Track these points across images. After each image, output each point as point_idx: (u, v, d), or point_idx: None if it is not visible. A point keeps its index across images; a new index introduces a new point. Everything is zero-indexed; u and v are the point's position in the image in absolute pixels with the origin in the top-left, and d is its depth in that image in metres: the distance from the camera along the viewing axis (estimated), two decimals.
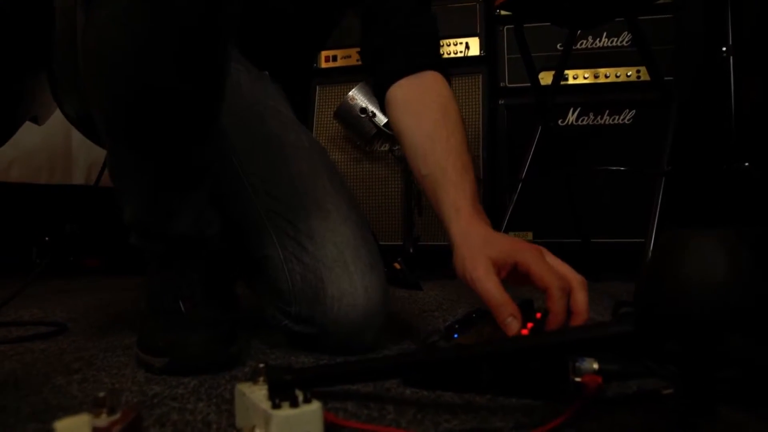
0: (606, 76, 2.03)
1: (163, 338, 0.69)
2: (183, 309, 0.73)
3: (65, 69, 0.79)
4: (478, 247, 0.65)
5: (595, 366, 0.56)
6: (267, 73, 0.96)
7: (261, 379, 0.48)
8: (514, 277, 0.64)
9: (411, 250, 1.90)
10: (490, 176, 2.03)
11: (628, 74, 2.01)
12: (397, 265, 1.59)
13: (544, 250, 0.64)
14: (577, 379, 0.54)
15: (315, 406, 0.43)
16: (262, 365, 0.49)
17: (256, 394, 0.46)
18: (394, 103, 0.85)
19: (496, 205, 1.95)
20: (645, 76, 1.96)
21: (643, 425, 0.48)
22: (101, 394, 0.42)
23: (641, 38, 1.36)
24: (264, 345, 0.83)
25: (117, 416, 0.42)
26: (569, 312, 0.60)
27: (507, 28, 2.06)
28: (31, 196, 1.93)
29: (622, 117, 1.99)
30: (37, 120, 1.04)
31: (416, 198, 1.96)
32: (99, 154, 1.89)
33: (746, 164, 1.62)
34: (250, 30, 0.89)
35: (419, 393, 0.59)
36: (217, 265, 0.80)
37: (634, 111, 1.98)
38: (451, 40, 2.13)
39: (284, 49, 0.99)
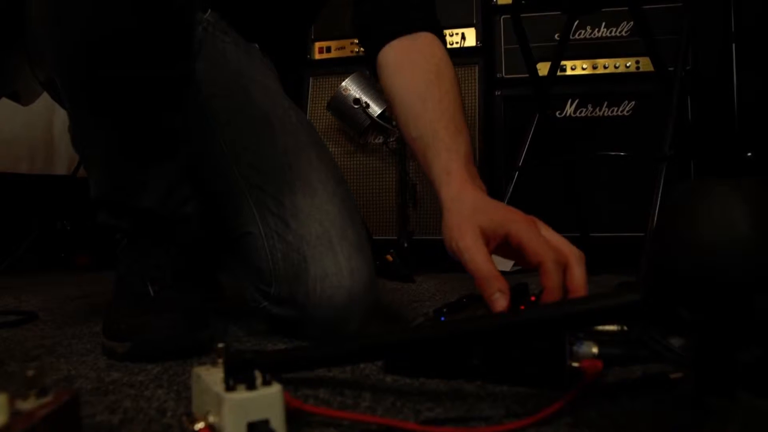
0: (605, 67, 1.97)
1: (126, 322, 0.64)
2: (151, 292, 0.67)
3: (37, 28, 0.73)
4: (468, 214, 0.59)
5: (595, 350, 0.51)
6: (257, 45, 0.90)
7: (220, 361, 0.43)
8: (505, 250, 0.58)
9: (405, 244, 1.85)
10: (487, 167, 1.97)
11: (627, 65, 1.95)
12: (389, 257, 1.54)
13: (539, 222, 0.58)
14: (575, 365, 0.49)
15: (275, 389, 0.37)
16: (221, 345, 0.43)
17: (213, 377, 0.41)
18: (385, 64, 0.79)
19: (493, 196, 1.88)
20: (644, 67, 1.91)
21: (649, 413, 0.42)
22: (30, 373, 0.36)
23: (645, 26, 1.31)
24: (241, 332, 0.77)
25: (47, 399, 0.36)
26: (565, 290, 0.54)
27: (504, 19, 2.01)
28: (22, 188, 1.87)
29: (621, 108, 1.94)
30: (18, 98, 0.98)
31: (410, 191, 1.91)
32: None
33: (749, 154, 1.57)
34: None
35: (401, 380, 0.53)
36: (194, 247, 0.74)
37: (633, 102, 1.92)
38: (448, 31, 2.07)
39: (274, 19, 0.94)
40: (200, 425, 0.36)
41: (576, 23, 1.94)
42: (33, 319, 0.91)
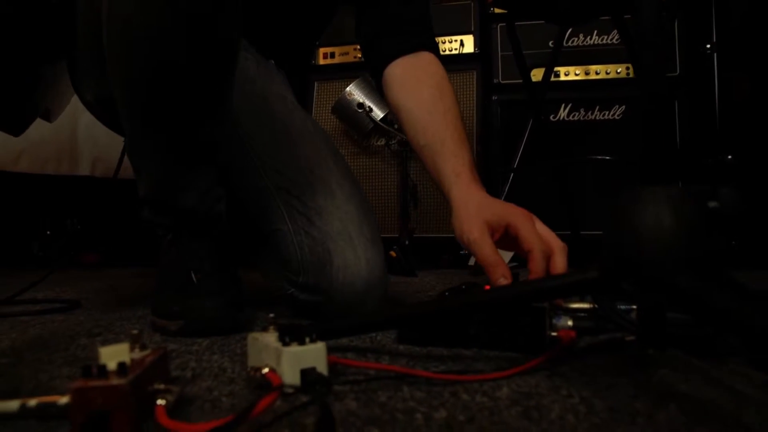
0: (597, 73, 2.10)
1: (178, 304, 0.76)
2: (194, 279, 0.79)
3: (85, 54, 0.85)
4: (475, 211, 0.72)
5: (570, 323, 0.63)
6: (272, 62, 1.02)
7: (271, 328, 0.55)
8: (504, 240, 0.70)
9: (407, 242, 1.97)
10: (483, 169, 2.09)
11: (618, 71, 2.08)
12: (393, 254, 1.66)
13: (534, 217, 0.71)
14: (554, 334, 0.61)
15: (320, 345, 0.50)
16: (272, 315, 0.55)
17: (267, 338, 0.53)
18: (392, 80, 0.91)
19: (493, 196, 2.01)
20: (634, 73, 2.04)
21: (607, 366, 0.55)
22: (134, 332, 0.49)
23: (627, 35, 1.43)
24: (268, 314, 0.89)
25: (147, 351, 0.48)
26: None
27: (500, 26, 2.13)
28: (34, 188, 1.98)
29: (612, 112, 2.06)
30: (49, 116, 1.10)
31: (412, 191, 2.03)
32: (103, 147, 1.97)
33: (729, 157, 1.70)
34: (255, 20, 0.96)
35: (412, 348, 0.65)
36: (224, 243, 0.87)
37: (623, 107, 2.05)
38: (447, 38, 2.19)
39: (286, 38, 1.06)
40: (266, 370, 0.48)
41: (569, 31, 2.06)
42: (77, 307, 1.03)
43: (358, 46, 2.21)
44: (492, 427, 0.40)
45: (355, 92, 2.03)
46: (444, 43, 2.19)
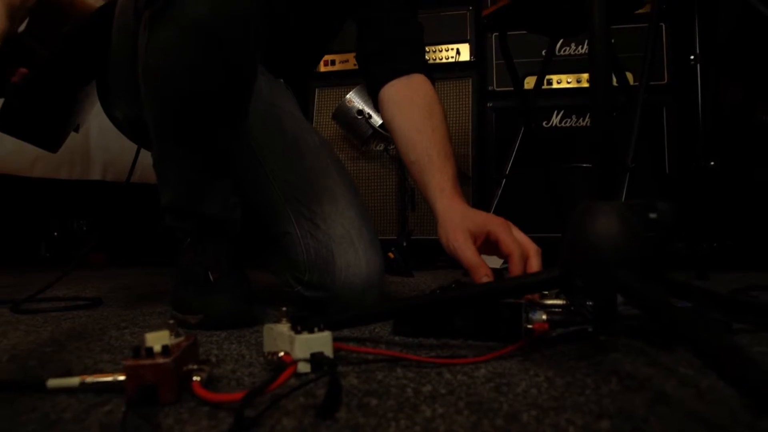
0: (588, 81, 2.19)
1: (197, 300, 0.86)
2: (212, 278, 0.89)
3: (117, 78, 0.95)
4: (458, 220, 0.82)
5: (544, 316, 0.73)
6: (282, 80, 1.12)
7: (284, 320, 0.65)
8: (485, 246, 0.80)
9: (404, 243, 2.06)
10: (478, 173, 2.20)
11: (615, 78, 2.17)
12: (390, 255, 1.76)
13: (511, 224, 0.81)
14: (529, 326, 0.71)
15: (326, 333, 0.59)
16: (284, 308, 0.65)
17: (281, 328, 0.62)
18: (387, 100, 1.02)
19: (485, 200, 2.11)
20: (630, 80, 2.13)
21: (571, 352, 0.65)
22: (171, 322, 0.58)
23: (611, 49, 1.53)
24: (276, 311, 0.99)
25: (182, 338, 0.58)
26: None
27: (495, 36, 2.22)
28: (42, 191, 2.08)
29: None
30: (78, 128, 1.20)
31: (410, 195, 2.13)
32: (114, 153, 2.06)
33: (711, 163, 1.80)
34: (268, 43, 1.06)
35: (405, 339, 0.75)
36: (237, 245, 0.97)
37: (613, 114, 2.14)
38: (443, 46, 2.30)
39: (294, 58, 1.16)
40: (282, 353, 0.58)
41: (560, 42, 2.17)
42: (100, 304, 1.13)
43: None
44: (468, 397, 0.50)
45: (354, 99, 2.13)
46: (441, 51, 2.29)
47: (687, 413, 0.45)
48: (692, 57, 1.86)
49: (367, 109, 2.11)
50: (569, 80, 2.21)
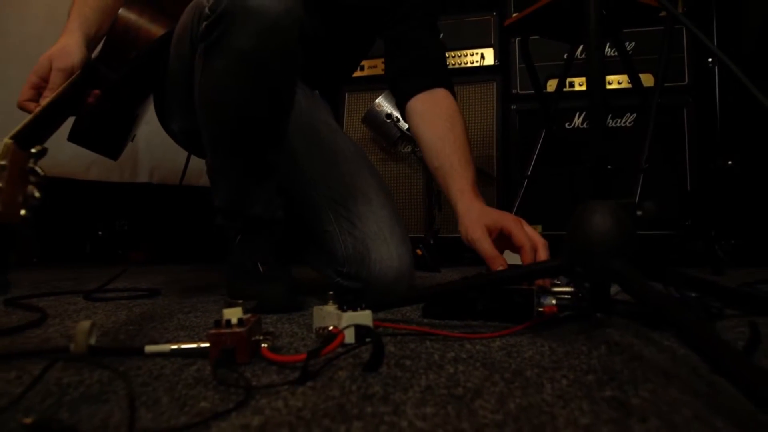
0: (609, 83, 2.29)
1: (251, 288, 1.00)
2: (261, 269, 1.03)
3: (174, 97, 1.10)
4: (476, 218, 0.94)
5: (553, 301, 0.85)
6: (317, 92, 1.26)
7: (330, 302, 0.78)
8: (500, 240, 0.93)
9: (432, 241, 2.19)
10: (503, 174, 2.31)
11: (629, 81, 2.26)
12: (419, 252, 1.89)
13: (522, 221, 0.93)
14: (540, 309, 0.83)
15: (367, 311, 0.73)
16: (331, 292, 0.78)
17: (329, 308, 0.76)
18: (413, 113, 1.15)
19: (509, 200, 2.22)
20: (645, 82, 2.22)
21: (573, 329, 0.77)
22: (239, 302, 0.72)
23: (624, 53, 1.64)
24: (317, 299, 1.13)
25: (249, 315, 0.71)
26: None
27: (518, 40, 2.33)
28: (88, 193, 2.25)
29: (623, 120, 2.26)
30: (133, 138, 1.35)
31: (436, 194, 2.25)
32: (160, 157, 2.23)
33: (729, 162, 1.89)
34: (305, 61, 1.20)
35: (433, 321, 0.88)
36: (282, 241, 1.10)
37: (634, 114, 2.23)
38: (468, 51, 2.41)
39: (329, 72, 1.30)
40: (331, 327, 0.71)
41: (580, 47, 2.26)
42: (158, 294, 1.28)
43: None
44: (483, 360, 0.63)
45: (383, 104, 2.26)
46: (466, 56, 2.41)
47: (654, 368, 0.57)
48: (710, 60, 1.95)
49: (395, 113, 2.23)
50: None
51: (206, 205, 1.10)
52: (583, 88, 2.29)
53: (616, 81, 2.27)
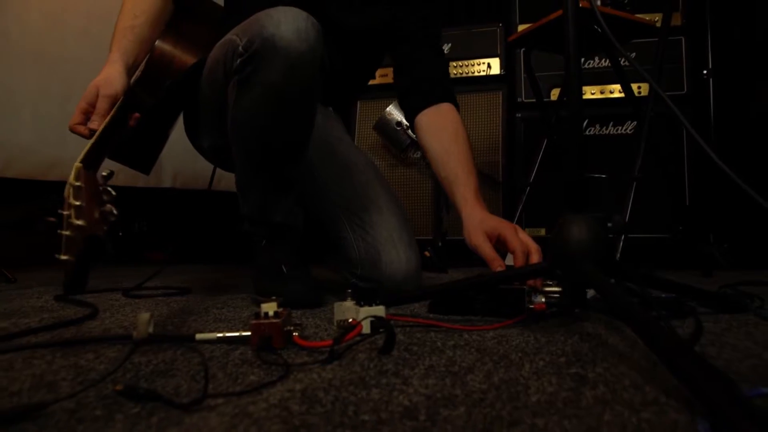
0: (611, 92, 2.42)
1: (276, 286, 1.14)
2: (285, 270, 1.18)
3: (206, 118, 1.25)
4: (477, 224, 1.09)
5: (543, 299, 0.99)
6: (331, 108, 1.41)
7: (348, 298, 0.92)
8: (498, 244, 1.07)
9: (440, 243, 2.33)
10: (508, 179, 2.45)
11: (623, 91, 2.39)
12: (427, 253, 2.03)
13: (518, 228, 1.08)
14: (531, 306, 0.97)
15: (382, 306, 0.87)
16: (349, 290, 0.93)
17: (348, 303, 0.91)
18: (421, 126, 1.30)
19: (513, 204, 2.36)
20: (645, 91, 2.35)
21: (557, 322, 0.91)
22: (273, 297, 0.87)
23: (618, 66, 1.77)
24: (333, 296, 1.28)
25: (281, 309, 0.86)
26: None
27: (523, 51, 2.47)
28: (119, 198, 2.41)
29: (624, 128, 2.39)
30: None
31: (444, 198, 2.39)
32: (182, 163, 2.39)
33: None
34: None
35: (438, 316, 1.02)
36: (302, 245, 1.25)
37: (635, 122, 2.36)
38: (475, 61, 2.56)
39: (341, 90, 1.44)
40: (351, 319, 0.86)
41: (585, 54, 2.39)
42: (189, 292, 1.43)
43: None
44: (477, 347, 0.77)
45: (393, 112, 2.40)
46: (473, 65, 2.55)
47: (613, 351, 0.72)
48: (705, 72, 2.08)
49: (405, 121, 2.37)
50: (593, 91, 2.43)
51: (223, 210, 1.24)
52: (586, 96, 2.43)
53: (617, 90, 2.40)
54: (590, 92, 2.44)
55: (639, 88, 2.38)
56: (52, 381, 0.64)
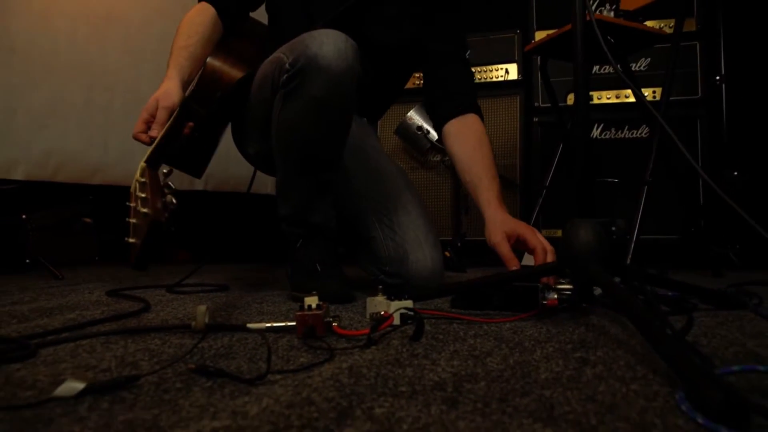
0: (626, 97, 2.51)
1: (311, 283, 1.27)
2: (319, 269, 1.30)
3: (254, 127, 1.38)
4: (498, 225, 1.21)
5: (555, 295, 1.11)
6: (365, 119, 1.54)
7: (380, 293, 1.04)
8: (517, 244, 1.19)
9: (459, 244, 2.45)
10: (525, 182, 2.56)
11: (645, 94, 2.49)
12: (447, 254, 2.15)
13: (535, 230, 1.19)
14: (544, 302, 1.09)
15: (410, 301, 0.99)
16: (380, 286, 1.05)
17: (379, 298, 1.03)
18: (448, 135, 1.42)
19: (531, 206, 2.47)
20: (660, 96, 2.44)
21: (568, 316, 1.03)
22: (314, 292, 0.99)
23: (629, 73, 1.87)
24: (363, 292, 1.40)
25: (322, 302, 0.98)
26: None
27: (539, 58, 2.57)
28: None
29: (639, 131, 2.48)
30: None
31: (463, 200, 2.51)
32: (213, 166, 2.52)
33: (735, 173, 2.11)
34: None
35: (459, 310, 1.14)
36: (335, 245, 1.38)
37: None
38: (494, 66, 2.66)
39: (374, 101, 1.57)
40: (382, 312, 0.98)
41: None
42: (227, 288, 1.56)
43: (417, 74, 2.69)
44: (495, 336, 0.89)
45: (414, 117, 2.52)
46: (491, 71, 2.66)
47: (614, 339, 0.83)
48: (717, 78, 2.16)
49: (426, 126, 2.50)
50: (609, 96, 2.53)
51: (250, 211, 1.36)
52: (602, 101, 2.53)
53: (632, 94, 2.49)
54: (606, 96, 2.53)
55: (654, 92, 2.47)
56: (132, 361, 0.77)
